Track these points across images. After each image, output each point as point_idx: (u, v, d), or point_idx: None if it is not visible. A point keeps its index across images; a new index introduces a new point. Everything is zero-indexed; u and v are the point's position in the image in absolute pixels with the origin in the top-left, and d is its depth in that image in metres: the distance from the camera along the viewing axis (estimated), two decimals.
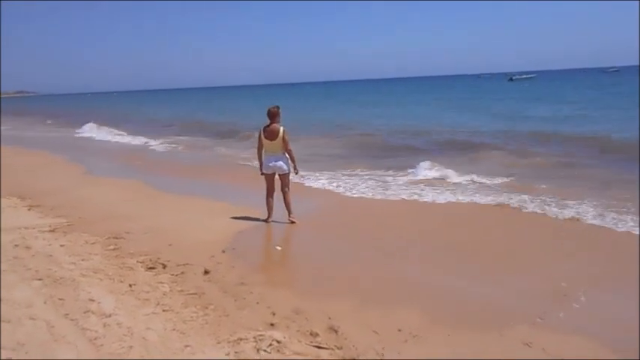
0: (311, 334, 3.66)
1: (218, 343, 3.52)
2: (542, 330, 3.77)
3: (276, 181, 6.95)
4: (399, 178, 10.07)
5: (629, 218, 6.67)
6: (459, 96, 44.63)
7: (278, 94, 69.39)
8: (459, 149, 13.93)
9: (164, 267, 5.09)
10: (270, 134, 6.75)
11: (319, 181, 10.03)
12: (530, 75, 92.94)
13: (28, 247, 5.61)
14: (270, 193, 6.98)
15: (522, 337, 3.64)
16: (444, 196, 8.48)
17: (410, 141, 16.52)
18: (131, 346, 3.43)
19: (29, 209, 7.69)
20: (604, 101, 29.26)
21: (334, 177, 10.44)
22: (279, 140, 6.73)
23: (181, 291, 4.48)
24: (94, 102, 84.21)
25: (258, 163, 7.08)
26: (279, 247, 6.16)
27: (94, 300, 4.18)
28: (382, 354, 3.42)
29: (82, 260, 5.24)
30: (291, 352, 3.42)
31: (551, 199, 7.78)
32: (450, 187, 9.18)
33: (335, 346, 3.52)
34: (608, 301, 4.38)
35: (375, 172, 10.93)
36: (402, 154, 13.20)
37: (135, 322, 3.80)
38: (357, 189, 9.27)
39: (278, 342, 3.52)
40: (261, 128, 6.84)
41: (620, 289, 4.64)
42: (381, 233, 6.51)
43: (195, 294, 4.41)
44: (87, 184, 9.97)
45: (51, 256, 5.35)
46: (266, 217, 6.94)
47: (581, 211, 7.13)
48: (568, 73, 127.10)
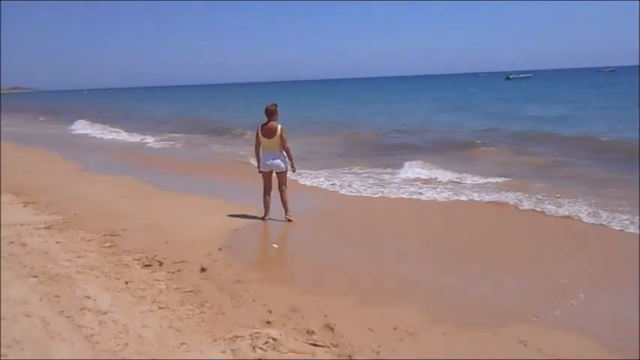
0: (307, 332, 3.67)
1: (214, 341, 3.52)
2: (537, 329, 3.78)
3: (274, 179, 6.96)
4: (396, 177, 10.07)
5: (625, 217, 6.70)
6: (457, 95, 44.66)
7: (276, 92, 69.31)
8: (456, 148, 13.96)
9: (160, 264, 5.09)
10: (267, 132, 6.74)
11: (316, 179, 10.02)
12: (527, 74, 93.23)
13: (23, 244, 5.59)
14: (267, 191, 6.98)
15: (518, 335, 3.66)
16: (440, 194, 8.49)
17: (407, 139, 16.53)
18: (127, 344, 3.43)
19: (25, 206, 7.66)
20: (599, 101, 29.39)
21: (331, 175, 10.43)
22: (277, 138, 6.72)
23: (177, 288, 4.47)
24: (89, 99, 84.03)
25: (255, 160, 7.07)
26: (276, 245, 6.16)
27: (89, 297, 4.17)
28: (378, 352, 3.43)
29: (78, 257, 5.23)
30: (287, 350, 3.42)
31: (547, 198, 7.80)
32: (446, 185, 9.19)
33: (331, 343, 3.53)
34: (605, 299, 4.39)
35: (372, 170, 10.94)
36: (399, 152, 13.19)
37: (131, 319, 3.80)
38: (353, 187, 9.27)
39: (274, 340, 3.53)
40: (259, 126, 6.83)
41: (617, 288, 4.66)
42: (378, 231, 6.52)
43: (192, 291, 4.41)
44: (83, 181, 9.93)
45: (46, 253, 5.33)
46: (263, 214, 6.94)
47: (576, 209, 7.15)
48: (564, 73, 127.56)
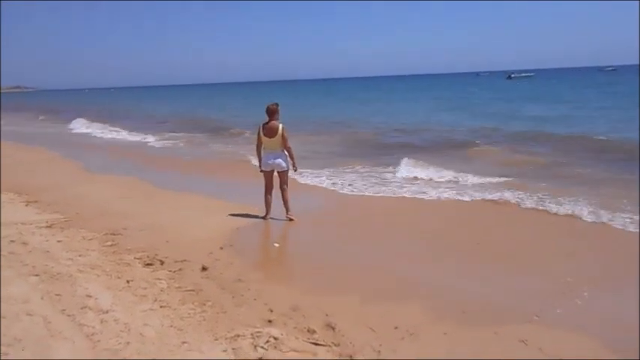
0: (308, 331, 3.67)
1: (215, 340, 3.52)
2: (538, 328, 3.78)
3: (275, 178, 6.96)
4: (396, 176, 10.05)
5: (626, 216, 6.70)
6: (457, 95, 44.62)
7: (276, 92, 69.41)
8: (456, 148, 13.92)
9: (162, 263, 5.09)
10: (269, 131, 6.74)
11: (317, 178, 10.02)
12: (529, 74, 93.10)
13: (25, 243, 5.60)
14: (268, 191, 6.98)
15: (518, 335, 3.65)
16: (440, 193, 8.48)
17: (407, 139, 16.53)
18: (128, 342, 3.43)
19: (26, 205, 7.67)
20: (600, 100, 29.29)
21: (332, 174, 10.43)
22: (278, 138, 6.72)
23: (179, 287, 4.48)
24: (90, 98, 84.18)
25: (256, 159, 7.08)
26: (277, 244, 6.16)
27: (91, 296, 4.18)
28: (379, 351, 3.43)
29: (80, 256, 5.23)
30: (288, 349, 3.43)
31: (548, 198, 7.79)
32: (446, 185, 9.19)
33: (332, 342, 3.53)
34: (606, 299, 4.38)
35: (372, 169, 10.93)
36: (399, 151, 13.15)
37: (132, 318, 3.80)
38: (354, 186, 9.28)
39: (275, 339, 3.53)
40: (260, 125, 6.83)
41: (619, 287, 4.65)
42: (379, 231, 6.52)
43: (193, 290, 4.41)
44: (83, 181, 9.95)
45: (48, 252, 5.34)
46: (264, 214, 6.94)
47: (577, 208, 7.14)
48: (566, 72, 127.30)
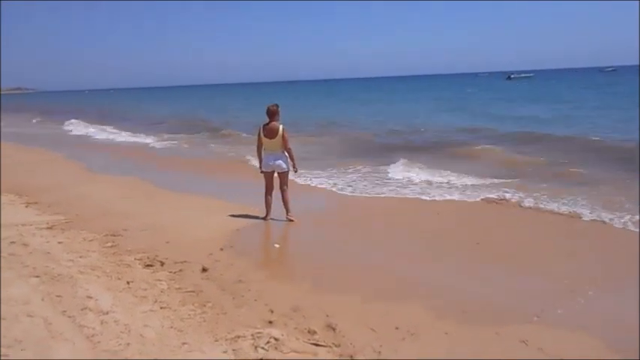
0: (309, 332, 3.66)
1: (216, 341, 3.52)
2: (539, 328, 3.77)
3: (275, 179, 6.96)
4: (396, 177, 10.04)
5: (626, 215, 6.72)
6: (457, 96, 44.59)
7: (277, 92, 69.44)
8: (455, 148, 13.86)
9: (162, 264, 5.09)
10: (269, 132, 6.74)
11: (317, 179, 10.02)
12: (529, 74, 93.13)
13: (25, 244, 5.60)
14: (268, 191, 6.98)
15: (519, 335, 3.65)
16: (441, 194, 8.49)
17: (407, 139, 16.52)
18: (128, 344, 3.43)
19: (27, 206, 7.68)
20: (599, 101, 29.26)
21: (332, 175, 10.44)
22: (279, 138, 6.72)
23: (179, 288, 4.47)
24: (89, 99, 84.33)
25: (257, 161, 7.08)
26: (278, 245, 6.16)
27: (91, 297, 4.17)
28: (379, 352, 3.42)
29: (80, 257, 5.23)
30: (288, 350, 3.42)
31: (547, 197, 7.81)
32: (446, 185, 9.19)
33: (333, 343, 3.53)
34: (607, 299, 4.37)
35: (373, 170, 10.92)
36: (399, 152, 13.11)
37: (132, 319, 3.80)
38: (354, 187, 9.28)
39: (276, 339, 3.52)
40: (261, 126, 6.84)
41: (620, 287, 4.64)
42: (379, 231, 6.52)
43: (193, 291, 4.41)
44: (85, 182, 9.95)
45: (48, 253, 5.34)
46: (264, 214, 6.94)
47: (577, 208, 7.17)
48: (566, 73, 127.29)
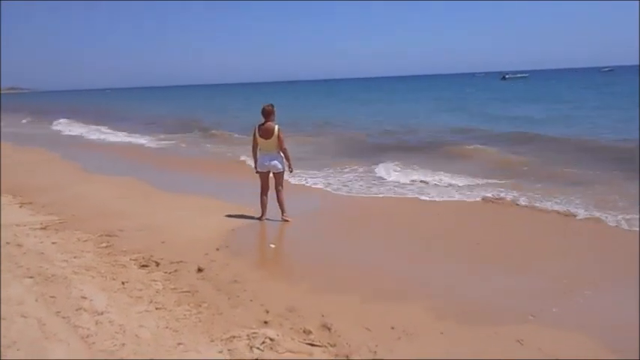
0: (304, 332, 3.66)
1: (211, 341, 3.51)
2: (536, 328, 3.78)
3: (271, 180, 6.95)
4: (392, 177, 10.03)
5: (619, 214, 6.77)
6: (455, 96, 44.65)
7: (278, 92, 69.37)
8: (451, 148, 13.82)
9: (157, 265, 5.07)
10: (265, 133, 6.73)
11: (312, 179, 10.01)
12: (524, 74, 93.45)
13: (19, 245, 5.57)
14: (264, 192, 6.97)
15: (516, 335, 3.65)
16: (436, 194, 8.49)
17: (403, 139, 16.48)
18: (123, 344, 3.42)
19: (20, 206, 7.64)
20: (595, 101, 29.32)
21: (327, 175, 10.43)
22: (274, 139, 6.71)
23: (174, 289, 4.46)
24: (84, 99, 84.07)
25: (252, 161, 7.08)
26: (273, 245, 6.15)
27: (86, 298, 4.15)
28: (375, 351, 3.42)
29: (74, 258, 5.21)
30: (284, 350, 3.42)
31: (543, 197, 7.84)
32: (442, 185, 9.19)
33: (328, 343, 3.52)
34: (604, 298, 4.39)
35: (368, 169, 10.90)
36: (395, 152, 13.12)
37: (127, 319, 3.78)
38: (350, 187, 9.28)
39: (271, 340, 3.52)
40: (256, 126, 6.83)
41: (616, 286, 4.65)
42: (375, 231, 6.53)
43: (189, 292, 4.40)
44: (79, 182, 9.91)
45: (42, 253, 5.31)
46: (260, 215, 6.93)
47: (573, 208, 7.20)
48: (563, 73, 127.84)
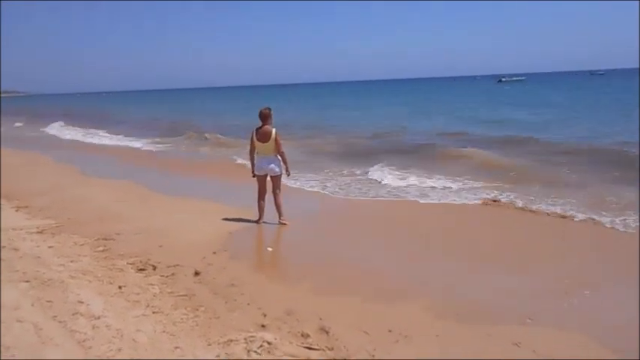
0: (302, 335, 3.66)
1: (208, 345, 3.50)
2: (532, 329, 3.79)
3: (268, 183, 6.95)
4: (387, 179, 10.05)
5: (616, 215, 6.85)
6: (451, 99, 44.80)
7: (275, 96, 69.40)
8: (446, 151, 13.84)
9: (154, 268, 5.06)
10: (262, 136, 6.74)
11: (308, 182, 10.03)
12: (520, 77, 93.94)
13: (15, 249, 5.54)
14: (261, 195, 6.97)
15: (513, 336, 3.66)
16: (432, 197, 8.53)
17: (397, 143, 16.42)
18: (120, 348, 3.40)
19: (16, 210, 7.60)
20: (589, 104, 29.51)
21: (324, 178, 10.46)
22: (272, 142, 6.72)
23: (171, 292, 4.45)
24: (79, 102, 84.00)
25: (250, 164, 7.08)
26: (270, 249, 6.15)
27: (82, 302, 4.13)
28: (373, 354, 3.42)
29: (71, 262, 5.19)
30: (282, 354, 3.41)
31: (538, 200, 7.89)
32: (437, 188, 9.21)
33: (326, 346, 3.52)
34: (603, 298, 4.41)
35: (364, 172, 10.93)
36: (391, 155, 13.15)
37: (124, 324, 3.77)
38: (346, 190, 9.29)
39: (269, 343, 3.51)
40: (254, 130, 6.83)
41: (616, 287, 4.68)
42: (371, 234, 6.53)
43: (186, 295, 4.39)
44: (76, 185, 9.88)
45: (39, 257, 5.28)
46: (257, 218, 6.93)
47: (568, 209, 7.26)
48: (558, 76, 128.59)
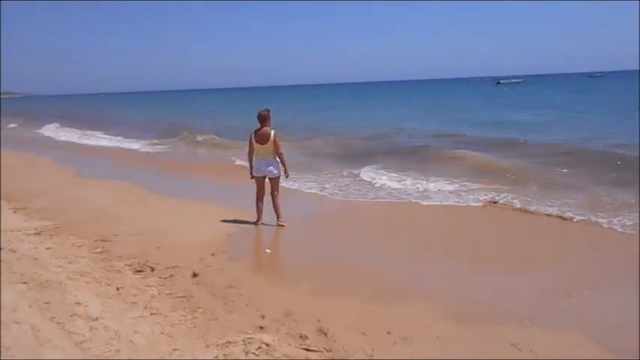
0: (300, 337, 3.66)
1: (207, 347, 3.50)
2: (531, 331, 3.79)
3: (266, 184, 6.95)
4: (384, 181, 10.05)
5: (613, 216, 6.88)
6: (448, 101, 44.85)
7: (269, 97, 69.43)
8: (444, 153, 13.84)
9: (152, 270, 5.05)
10: (261, 138, 6.74)
11: (306, 183, 10.03)
12: (518, 79, 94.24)
13: (13, 250, 5.52)
14: (259, 197, 6.96)
15: (512, 338, 3.66)
16: (430, 198, 8.53)
17: (395, 145, 16.46)
18: (118, 350, 3.40)
19: (14, 212, 7.58)
20: (586, 106, 29.55)
21: (322, 180, 10.46)
22: (270, 144, 6.72)
23: (170, 294, 4.44)
24: (76, 103, 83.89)
25: (248, 165, 7.09)
26: (269, 250, 6.15)
27: (80, 303, 4.12)
28: (371, 356, 3.42)
29: (69, 263, 5.17)
30: (280, 355, 3.41)
31: (536, 201, 7.91)
32: (435, 189, 9.21)
33: (324, 348, 3.52)
34: (603, 299, 4.42)
35: (362, 174, 10.93)
36: (389, 157, 13.18)
37: (122, 325, 3.76)
38: (345, 192, 9.30)
39: (267, 345, 3.51)
40: (252, 132, 6.84)
41: (615, 287, 4.70)
42: (370, 236, 6.54)
43: (184, 297, 4.38)
44: (74, 186, 9.86)
45: (36, 259, 5.27)
46: (255, 219, 6.92)
47: (566, 211, 7.27)
48: (556, 78, 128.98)
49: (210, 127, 23.68)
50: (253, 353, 3.41)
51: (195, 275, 4.88)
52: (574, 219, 6.92)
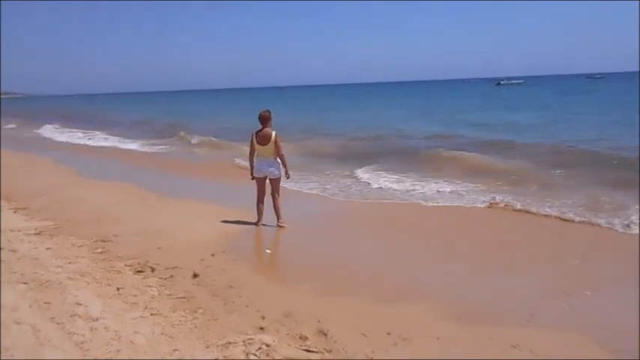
0: (300, 338, 3.66)
1: (207, 347, 3.50)
2: (531, 331, 3.80)
3: (267, 185, 6.95)
4: (385, 182, 10.07)
5: (612, 216, 6.89)
6: (450, 102, 44.84)
7: (269, 98, 69.43)
8: (444, 154, 13.83)
9: (153, 270, 5.05)
10: (262, 139, 6.75)
11: (307, 184, 10.03)
12: (518, 80, 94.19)
13: (13, 251, 5.52)
14: (260, 198, 6.97)
15: (512, 338, 3.66)
16: (431, 199, 8.54)
17: (394, 146, 16.41)
18: (118, 350, 3.40)
19: (14, 212, 7.58)
20: (585, 107, 29.52)
21: (323, 181, 10.46)
22: (272, 145, 6.72)
23: (170, 295, 4.44)
24: (75, 104, 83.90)
25: (249, 166, 7.09)
26: (269, 251, 6.16)
27: (80, 304, 4.12)
28: (371, 356, 3.43)
29: (69, 263, 5.18)
30: (280, 356, 3.41)
31: (536, 202, 7.91)
32: (435, 189, 9.23)
33: (324, 349, 3.52)
34: (603, 299, 4.43)
35: (362, 175, 10.94)
36: (388, 158, 13.17)
37: (122, 326, 3.76)
38: (345, 192, 9.30)
39: (267, 346, 3.51)
40: (253, 133, 6.84)
41: (615, 287, 4.70)
42: (370, 236, 6.54)
43: (184, 298, 4.38)
44: (74, 187, 9.85)
45: (37, 259, 5.27)
46: (256, 220, 6.93)
47: (565, 211, 7.28)
48: (555, 79, 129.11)
49: (208, 128, 23.67)
50: (253, 354, 3.41)
51: (195, 276, 4.89)
52: (575, 219, 6.93)
